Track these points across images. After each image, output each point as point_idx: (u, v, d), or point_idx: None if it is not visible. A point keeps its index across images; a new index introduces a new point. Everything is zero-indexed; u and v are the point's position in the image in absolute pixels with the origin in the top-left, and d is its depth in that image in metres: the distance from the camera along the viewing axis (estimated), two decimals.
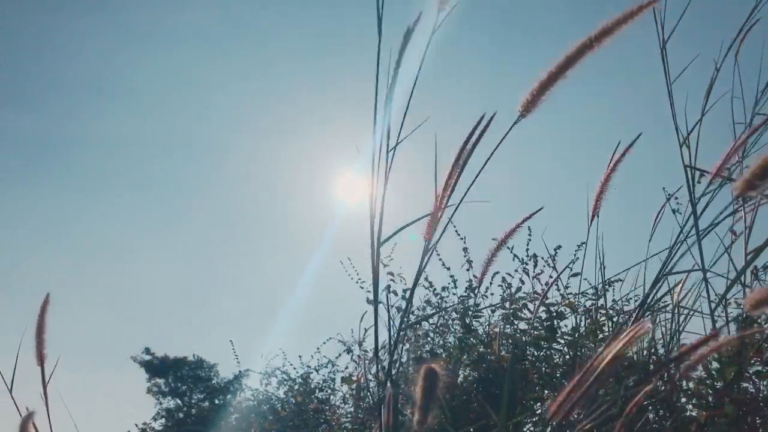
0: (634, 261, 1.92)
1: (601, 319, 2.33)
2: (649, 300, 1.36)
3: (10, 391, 1.45)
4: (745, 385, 1.67)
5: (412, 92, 1.04)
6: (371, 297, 3.04)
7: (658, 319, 1.65)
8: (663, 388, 1.70)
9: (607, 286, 2.32)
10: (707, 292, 1.46)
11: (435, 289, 2.99)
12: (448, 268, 2.94)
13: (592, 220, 1.57)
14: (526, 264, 2.70)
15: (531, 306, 2.44)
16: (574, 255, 2.57)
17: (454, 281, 2.94)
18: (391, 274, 3.10)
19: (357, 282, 3.29)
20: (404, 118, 1.04)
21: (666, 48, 1.38)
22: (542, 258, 2.62)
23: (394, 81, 1.03)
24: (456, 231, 2.85)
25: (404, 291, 3.05)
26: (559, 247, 2.53)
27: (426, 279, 3.03)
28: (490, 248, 1.26)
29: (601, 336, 2.16)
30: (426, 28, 1.04)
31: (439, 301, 2.95)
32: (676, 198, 2.02)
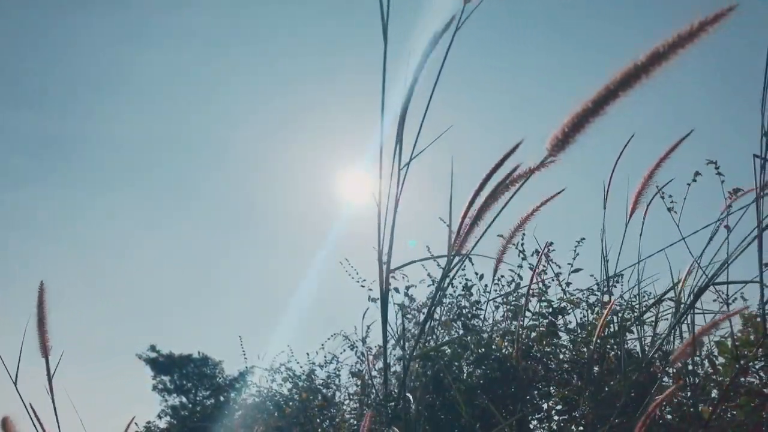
0: (634, 255, 1.91)
1: (607, 316, 2.32)
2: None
3: (15, 384, 1.42)
4: (751, 380, 1.66)
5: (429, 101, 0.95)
6: (373, 295, 3.00)
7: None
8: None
9: (613, 282, 2.31)
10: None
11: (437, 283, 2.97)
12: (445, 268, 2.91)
13: (630, 217, 1.54)
14: (525, 257, 2.66)
15: (532, 301, 2.43)
16: (575, 251, 2.56)
17: (451, 282, 2.92)
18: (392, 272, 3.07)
19: (358, 282, 3.28)
20: (419, 130, 0.95)
21: None
22: (537, 252, 2.59)
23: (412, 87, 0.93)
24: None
25: (407, 288, 3.04)
26: (551, 243, 2.52)
27: (429, 275, 3.02)
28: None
29: (606, 332, 2.15)
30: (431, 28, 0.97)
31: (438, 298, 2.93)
32: (670, 196, 2.00)
